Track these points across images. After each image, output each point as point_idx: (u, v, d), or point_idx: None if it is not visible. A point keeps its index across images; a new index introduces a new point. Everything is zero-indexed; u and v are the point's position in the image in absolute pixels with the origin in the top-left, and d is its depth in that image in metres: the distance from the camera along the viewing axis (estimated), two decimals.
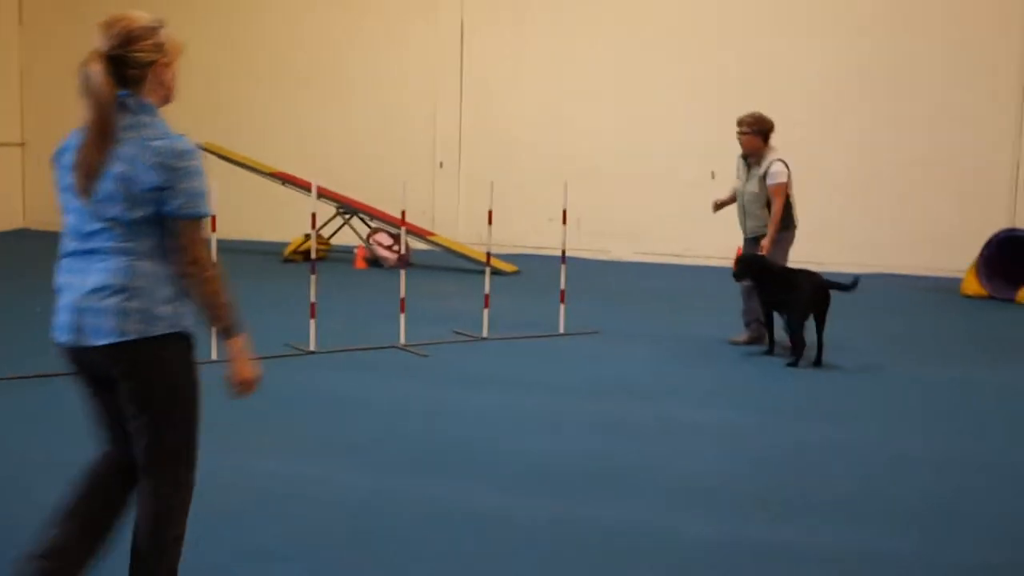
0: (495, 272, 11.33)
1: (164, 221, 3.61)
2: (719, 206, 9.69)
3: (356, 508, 5.32)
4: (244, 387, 3.78)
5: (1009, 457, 6.48)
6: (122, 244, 3.62)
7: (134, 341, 3.59)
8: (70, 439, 6.32)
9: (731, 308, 9.80)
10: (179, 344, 3.71)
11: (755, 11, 14.62)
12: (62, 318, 3.71)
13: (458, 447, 6.40)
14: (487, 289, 9.87)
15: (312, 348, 8.81)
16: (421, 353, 8.92)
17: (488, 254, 10.29)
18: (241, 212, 15.58)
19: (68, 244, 3.72)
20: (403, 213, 9.83)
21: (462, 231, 15.45)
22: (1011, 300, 12.32)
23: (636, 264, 14.87)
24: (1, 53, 17.27)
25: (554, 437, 6.67)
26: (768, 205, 9.19)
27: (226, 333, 3.71)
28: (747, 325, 9.55)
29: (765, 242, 9.07)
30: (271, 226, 16.01)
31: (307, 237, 10.54)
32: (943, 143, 14.06)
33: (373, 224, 14.56)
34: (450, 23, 15.75)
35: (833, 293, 8.79)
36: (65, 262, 3.74)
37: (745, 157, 9.36)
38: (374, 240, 14.29)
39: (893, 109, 14.18)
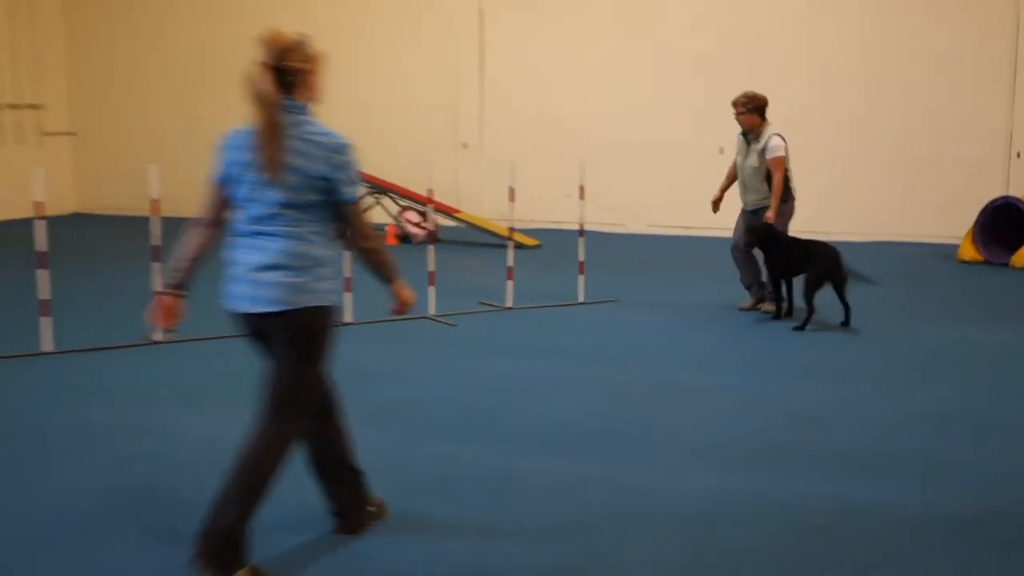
0: (518, 246, 11.33)
1: (332, 207, 4.19)
2: (717, 202, 9.69)
3: (385, 468, 5.34)
4: (408, 307, 4.56)
5: (1004, 414, 6.47)
6: (289, 228, 4.11)
7: (291, 311, 4.09)
8: (116, 404, 6.40)
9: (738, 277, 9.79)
10: (323, 315, 4.19)
11: None
12: (234, 288, 4.19)
13: (486, 412, 6.42)
14: (510, 262, 9.89)
15: (348, 320, 8.85)
16: (450, 323, 8.98)
17: (511, 229, 10.29)
18: None
19: (241, 226, 4.18)
20: (430, 192, 9.86)
21: (486, 208, 15.46)
22: (1005, 264, 12.29)
23: (649, 236, 14.89)
24: (50, 47, 17.30)
25: (576, 402, 6.69)
26: (768, 179, 9.17)
27: (391, 280, 4.44)
28: (748, 289, 9.58)
29: (769, 213, 9.06)
30: None
31: None
32: (939, 116, 14.01)
33: (402, 203, 14.58)
34: (469, 12, 15.72)
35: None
36: (238, 240, 4.20)
37: (745, 134, 9.34)
38: (404, 218, 14.33)
39: (891, 85, 14.12)
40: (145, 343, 7.98)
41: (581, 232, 10.29)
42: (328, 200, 4.16)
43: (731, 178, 9.63)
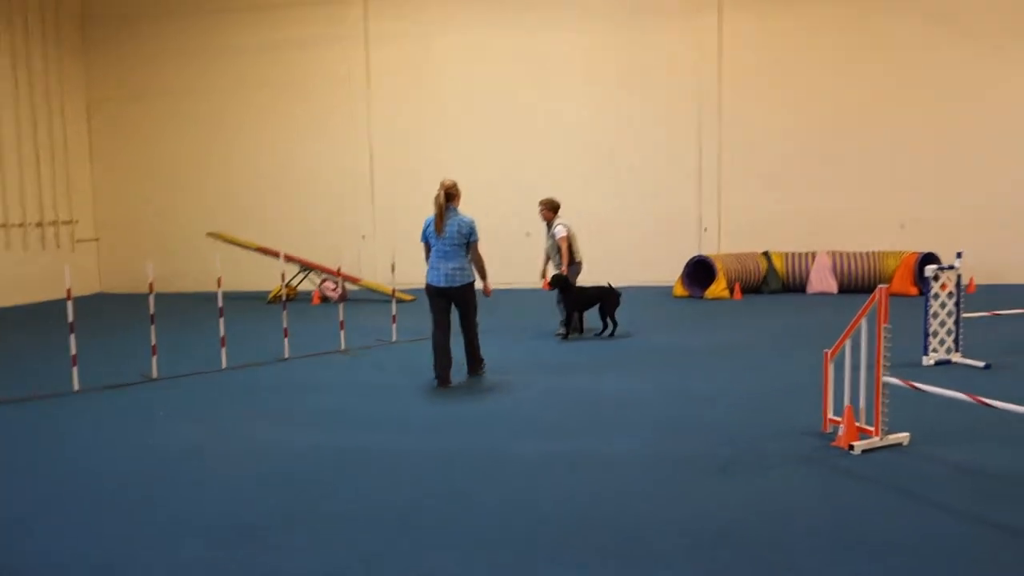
0: (399, 301, 11.23)
1: (468, 245, 6.90)
2: (543, 273, 9.64)
3: (313, 452, 5.18)
4: (489, 295, 7.49)
5: (706, 389, 6.67)
6: (454, 252, 6.85)
7: (461, 285, 6.86)
8: (145, 425, 6.05)
9: (550, 315, 9.83)
10: (472, 285, 6.95)
11: (543, 118, 14.87)
12: (437, 277, 6.89)
13: (384, 409, 6.31)
14: (394, 311, 9.77)
15: (286, 356, 8.58)
16: (356, 354, 8.77)
17: (393, 290, 10.21)
18: (237, 272, 15.12)
19: (435, 253, 6.92)
20: (339, 268, 9.74)
21: (379, 276, 15.24)
22: (701, 297, 12.76)
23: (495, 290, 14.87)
24: (81, 180, 16.43)
25: (440, 399, 6.61)
26: (559, 251, 9.34)
27: (484, 278, 7.13)
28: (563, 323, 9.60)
29: (563, 268, 9.25)
30: (258, 280, 15.55)
31: (281, 286, 10.16)
32: (650, 205, 14.49)
33: (322, 276, 14.27)
34: (363, 149, 15.59)
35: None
36: (434, 259, 6.93)
37: (547, 224, 9.49)
38: (324, 286, 14.00)
39: (630, 183, 14.55)
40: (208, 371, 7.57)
41: None
42: (467, 242, 6.87)
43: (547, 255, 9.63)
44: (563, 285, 9.13)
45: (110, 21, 16.33)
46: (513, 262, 13.90)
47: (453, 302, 6.91)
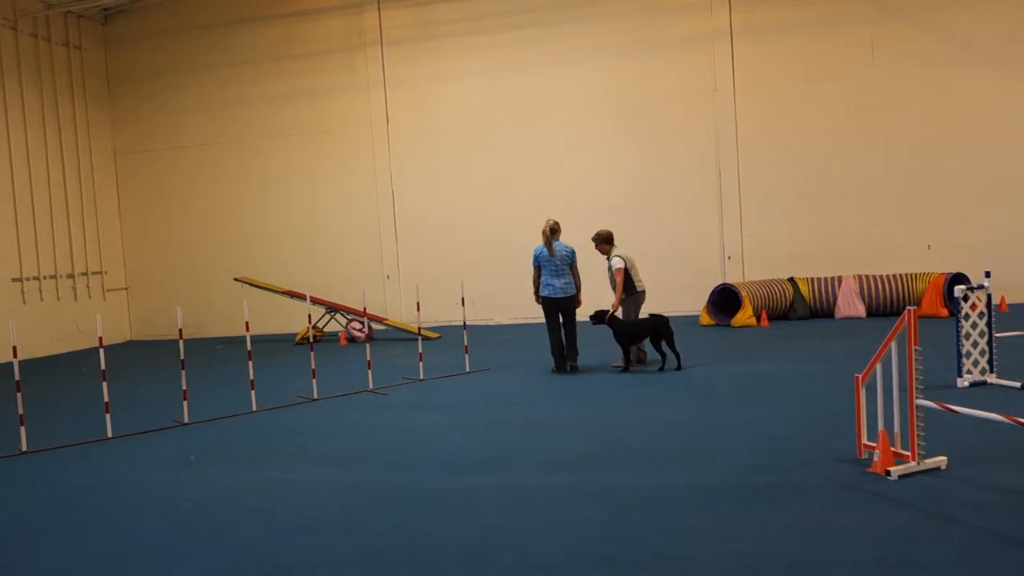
0: (425, 339, 11.25)
1: (572, 265, 8.89)
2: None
3: (344, 492, 5.18)
4: (579, 305, 9.11)
5: (733, 417, 6.59)
6: (564, 271, 8.85)
7: (571, 295, 8.88)
8: (166, 470, 6.08)
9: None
10: (575, 297, 8.95)
11: (568, 154, 14.96)
12: (554, 290, 8.85)
13: (410, 447, 6.30)
14: (420, 349, 9.78)
15: (315, 397, 8.62)
16: (383, 393, 8.79)
17: (419, 328, 10.24)
18: (266, 315, 15.26)
19: (550, 271, 8.86)
20: (364, 308, 9.77)
21: (404, 315, 15.34)
22: (728, 325, 12.66)
23: (509, 326, 14.90)
24: (110, 231, 16.76)
25: (468, 435, 6.60)
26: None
27: (579, 291, 9.06)
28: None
29: (614, 302, 9.11)
30: (285, 323, 15.70)
31: (308, 328, 10.20)
32: (675, 235, 14.48)
33: (348, 316, 14.37)
34: (385, 192, 15.77)
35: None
36: (548, 278, 8.88)
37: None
38: (350, 327, 14.10)
39: (651, 214, 14.56)
40: (176, 425, 7.64)
41: (464, 326, 10.29)
42: (570, 263, 8.86)
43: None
44: (607, 321, 8.98)
45: (134, 77, 16.80)
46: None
47: (563, 308, 8.89)
